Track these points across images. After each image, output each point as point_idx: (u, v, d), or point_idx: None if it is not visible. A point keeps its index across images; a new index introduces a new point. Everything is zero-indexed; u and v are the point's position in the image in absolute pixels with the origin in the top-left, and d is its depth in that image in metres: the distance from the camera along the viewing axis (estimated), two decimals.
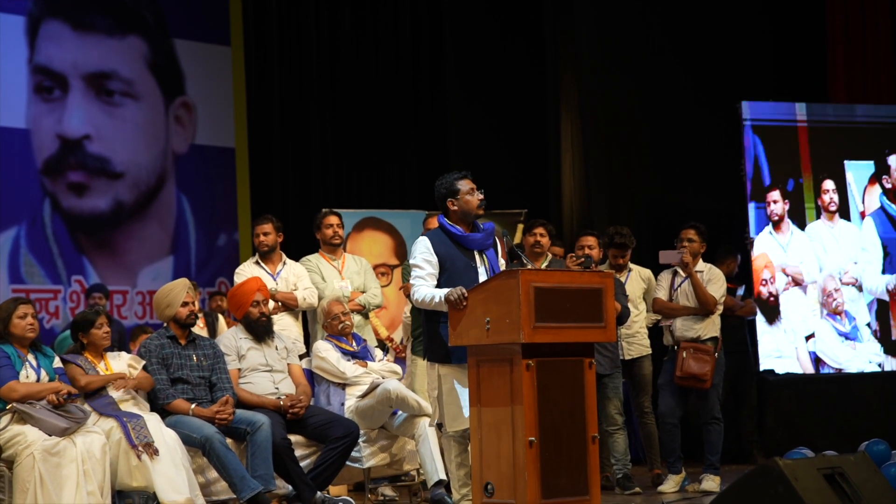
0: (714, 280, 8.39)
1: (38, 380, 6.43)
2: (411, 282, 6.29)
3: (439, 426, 6.38)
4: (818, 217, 10.63)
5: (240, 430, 6.81)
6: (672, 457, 8.34)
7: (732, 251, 9.98)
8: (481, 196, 6.33)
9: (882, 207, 10.82)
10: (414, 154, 12.14)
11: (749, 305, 10.06)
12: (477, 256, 6.34)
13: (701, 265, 8.45)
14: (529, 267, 6.38)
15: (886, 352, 10.65)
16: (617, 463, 8.27)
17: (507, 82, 12.22)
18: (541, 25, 12.08)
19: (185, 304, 7.09)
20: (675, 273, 8.47)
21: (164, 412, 6.83)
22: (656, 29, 11.74)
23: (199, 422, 6.76)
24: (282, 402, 7.15)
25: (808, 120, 10.75)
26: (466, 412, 6.06)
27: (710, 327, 8.33)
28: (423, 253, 6.25)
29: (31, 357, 6.51)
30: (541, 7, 12.04)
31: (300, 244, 9.67)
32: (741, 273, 10.16)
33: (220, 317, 8.94)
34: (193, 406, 6.87)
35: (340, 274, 8.37)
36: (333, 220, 8.44)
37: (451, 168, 6.59)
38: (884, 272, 10.75)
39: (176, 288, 7.17)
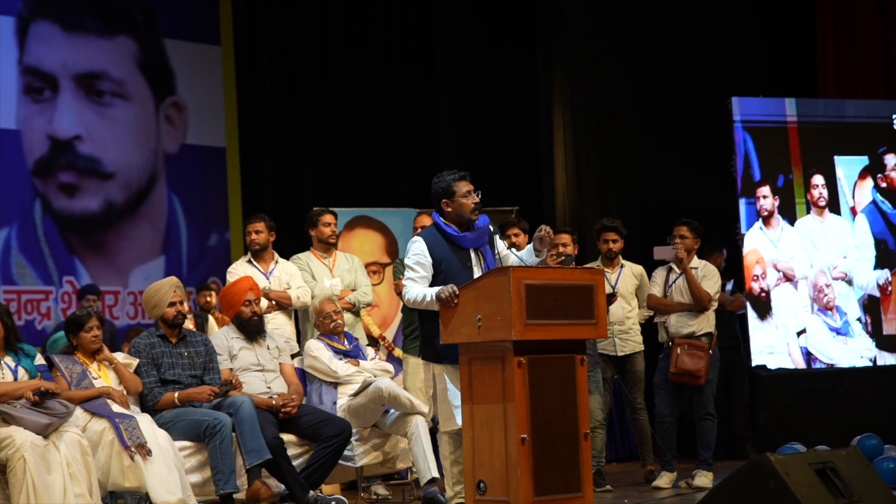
0: (708, 276, 8.40)
1: (15, 380, 6.41)
2: (403, 282, 6.29)
3: (434, 422, 6.38)
4: (808, 212, 10.64)
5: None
6: (668, 455, 8.34)
7: (718, 246, 9.97)
8: (477, 199, 6.29)
9: (874, 202, 10.83)
10: (405, 152, 12.14)
11: (739, 300, 10.07)
12: (472, 255, 6.32)
13: (695, 261, 8.46)
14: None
15: (879, 346, 10.66)
16: (592, 459, 8.26)
17: (498, 79, 12.22)
18: (532, 22, 12.09)
19: (171, 304, 7.09)
20: (670, 269, 8.48)
21: (155, 412, 6.84)
22: (647, 25, 11.75)
23: (209, 410, 6.79)
24: (274, 402, 7.15)
25: (798, 116, 10.76)
26: (459, 412, 6.07)
27: (705, 323, 8.34)
28: (417, 255, 6.23)
29: (7, 358, 6.48)
30: (532, 4, 12.05)
31: (293, 243, 9.67)
32: (729, 267, 10.16)
33: (211, 317, 8.95)
34: (177, 394, 6.88)
35: (331, 272, 8.37)
36: (330, 218, 8.45)
37: (442, 166, 6.58)
38: (876, 268, 10.77)
39: (163, 288, 7.17)
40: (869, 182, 10.86)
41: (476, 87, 12.21)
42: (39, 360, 6.61)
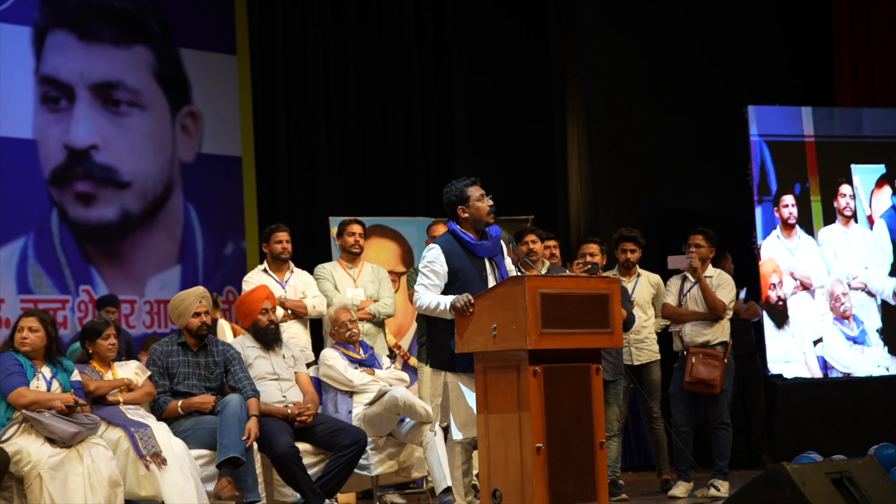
0: (723, 285, 8.39)
1: (48, 391, 6.43)
2: (416, 288, 6.28)
3: (443, 430, 6.37)
4: (825, 221, 10.61)
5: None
6: (684, 465, 8.32)
7: (723, 252, 9.89)
8: (491, 202, 6.32)
9: (894, 207, 10.81)
10: (421, 162, 12.14)
11: (753, 308, 10.03)
12: (487, 264, 6.33)
13: (710, 270, 8.45)
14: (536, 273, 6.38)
15: (892, 353, 10.61)
16: (607, 469, 8.24)
17: (513, 90, 12.22)
18: (547, 31, 12.09)
19: (196, 314, 7.09)
20: (685, 278, 8.47)
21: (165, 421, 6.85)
22: (662, 34, 11.74)
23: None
24: (289, 411, 7.15)
25: (814, 124, 10.75)
26: (474, 419, 6.06)
27: (720, 332, 8.33)
28: (432, 262, 6.23)
29: (45, 369, 6.50)
30: (546, 13, 12.05)
31: (308, 252, 9.68)
32: (745, 276, 10.11)
33: (223, 322, 8.92)
34: (180, 402, 6.89)
35: (355, 282, 8.38)
36: (356, 228, 8.47)
37: (457, 176, 6.58)
38: (891, 274, 10.73)
39: (188, 298, 7.17)
40: (886, 190, 10.84)
41: (491, 97, 12.22)
42: (76, 375, 6.61)
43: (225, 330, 8.80)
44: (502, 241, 6.46)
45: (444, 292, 6.18)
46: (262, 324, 7.40)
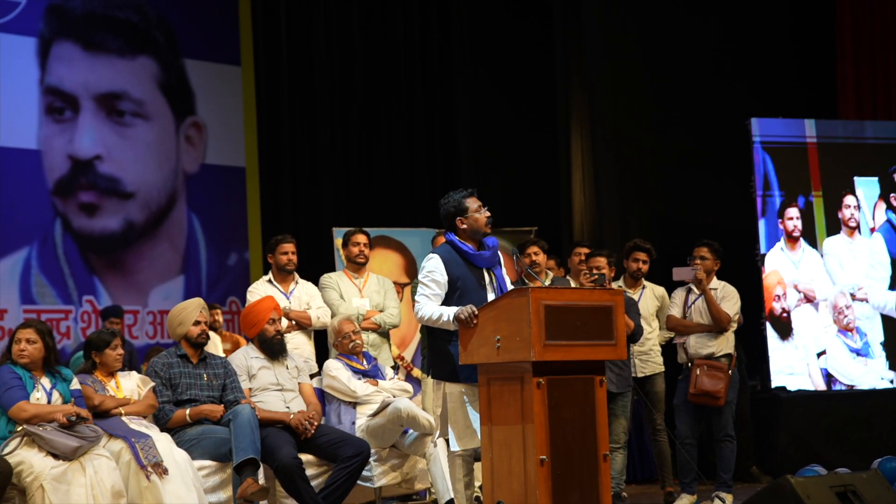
0: (728, 297, 8.38)
1: (48, 402, 6.42)
2: (416, 298, 6.28)
3: (446, 441, 6.37)
4: (829, 232, 10.61)
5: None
6: (688, 477, 8.30)
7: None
8: (488, 213, 6.34)
9: (889, 222, 10.80)
10: (424, 173, 12.15)
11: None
12: (485, 274, 6.33)
13: (715, 282, 8.44)
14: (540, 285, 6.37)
15: (892, 367, 10.59)
16: (611, 481, 8.23)
17: (517, 101, 12.23)
18: (552, 42, 12.11)
19: (196, 322, 7.10)
20: (689, 290, 8.47)
21: (167, 430, 6.84)
22: (667, 46, 11.75)
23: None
24: (291, 417, 7.13)
25: (817, 137, 10.74)
26: (472, 431, 6.06)
27: (724, 344, 8.32)
28: (432, 272, 6.23)
29: (44, 380, 6.49)
30: (551, 23, 12.06)
31: (311, 263, 9.68)
32: (744, 287, 10.07)
33: (213, 334, 8.89)
34: (188, 410, 6.89)
35: (361, 292, 8.38)
36: (361, 238, 8.47)
37: (461, 187, 6.58)
38: (891, 288, 10.72)
39: (188, 307, 7.19)
40: (882, 205, 10.83)
41: (495, 108, 12.23)
42: (75, 384, 6.60)
43: (215, 342, 8.80)
44: (500, 253, 6.46)
45: (443, 302, 6.18)
46: (269, 334, 7.40)
